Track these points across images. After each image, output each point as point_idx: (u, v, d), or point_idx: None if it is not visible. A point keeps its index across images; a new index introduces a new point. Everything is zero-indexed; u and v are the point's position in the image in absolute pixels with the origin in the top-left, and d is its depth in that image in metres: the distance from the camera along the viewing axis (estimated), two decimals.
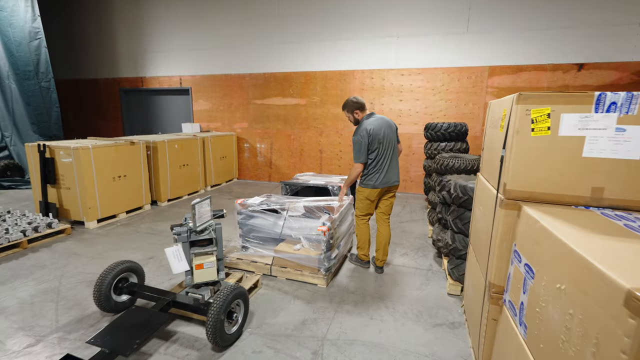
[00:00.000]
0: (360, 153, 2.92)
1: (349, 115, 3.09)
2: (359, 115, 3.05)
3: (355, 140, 2.94)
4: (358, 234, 3.24)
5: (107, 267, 2.50)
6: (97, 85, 8.38)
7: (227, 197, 6.03)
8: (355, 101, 3.03)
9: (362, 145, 2.90)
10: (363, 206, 3.13)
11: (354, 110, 3.03)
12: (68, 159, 4.21)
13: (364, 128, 2.90)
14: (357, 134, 2.93)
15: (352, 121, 3.11)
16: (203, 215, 2.50)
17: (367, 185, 3.03)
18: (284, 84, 6.81)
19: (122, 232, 4.25)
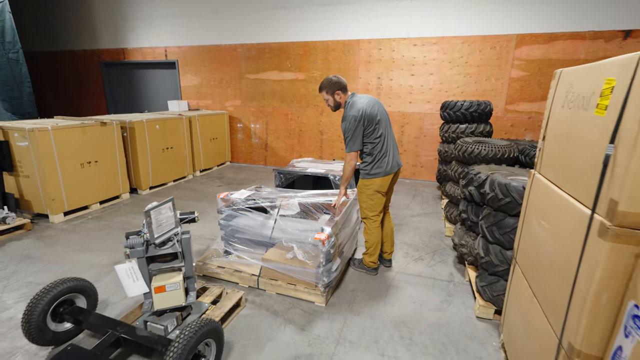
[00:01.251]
0: (355, 139, 2.44)
1: (329, 98, 2.54)
2: (340, 97, 2.53)
3: (347, 126, 2.43)
4: (368, 239, 2.68)
5: (44, 288, 1.93)
6: (75, 58, 7.61)
7: (217, 184, 5.43)
8: (336, 80, 2.49)
9: (357, 130, 2.42)
10: (374, 203, 2.58)
11: (334, 91, 2.50)
12: (24, 143, 3.58)
13: (354, 109, 2.41)
14: (346, 118, 2.43)
15: (331, 106, 2.59)
16: (164, 223, 1.91)
17: (376, 174, 2.51)
18: (280, 56, 6.05)
19: (91, 227, 3.69)
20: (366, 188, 2.56)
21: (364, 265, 2.82)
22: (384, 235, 2.83)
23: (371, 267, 2.79)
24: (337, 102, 2.54)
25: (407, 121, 5.60)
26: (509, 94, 5.03)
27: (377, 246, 2.70)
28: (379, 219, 2.65)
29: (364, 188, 2.58)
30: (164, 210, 1.88)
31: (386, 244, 2.86)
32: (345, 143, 2.48)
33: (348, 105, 2.47)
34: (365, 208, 2.63)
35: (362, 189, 2.59)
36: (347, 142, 2.46)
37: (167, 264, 1.98)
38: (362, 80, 5.67)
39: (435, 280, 2.75)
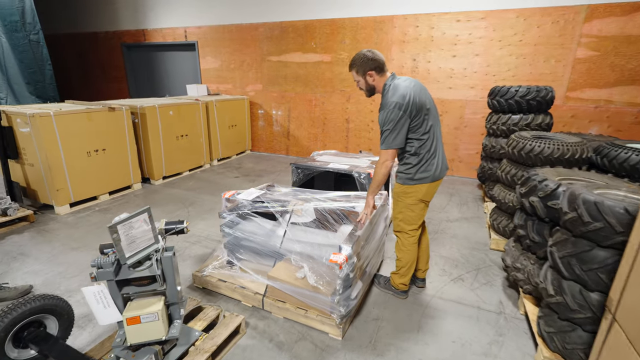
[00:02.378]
0: (397, 134, 1.85)
1: (359, 80, 1.98)
2: (374, 79, 1.94)
3: (387, 116, 1.83)
4: (402, 257, 2.18)
5: (6, 308, 1.61)
6: (97, 40, 7.45)
7: (234, 175, 5.08)
8: (370, 57, 1.89)
9: (400, 121, 1.83)
10: (414, 215, 2.07)
11: (366, 71, 1.91)
12: (26, 129, 3.35)
13: (397, 94, 1.82)
14: (387, 106, 1.84)
15: (364, 89, 2.01)
16: (137, 240, 1.51)
17: (421, 180, 1.98)
18: (305, 36, 5.50)
19: (95, 220, 3.44)
20: (406, 196, 2.03)
21: (391, 286, 2.33)
22: (421, 249, 2.32)
23: (401, 290, 2.30)
24: (370, 86, 1.96)
25: (446, 109, 4.92)
26: (571, 79, 4.23)
27: (412, 266, 2.20)
28: (418, 233, 2.15)
29: (403, 196, 2.04)
30: (137, 223, 1.48)
31: (421, 259, 2.35)
32: (382, 138, 1.89)
33: (388, 89, 1.88)
34: (401, 220, 2.10)
35: (401, 197, 2.05)
36: (385, 136, 1.87)
37: (145, 287, 1.60)
38: (395, 63, 5.03)
39: (481, 311, 2.22)
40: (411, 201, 2.03)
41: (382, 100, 1.90)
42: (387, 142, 1.88)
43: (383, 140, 1.89)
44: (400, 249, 2.18)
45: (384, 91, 1.92)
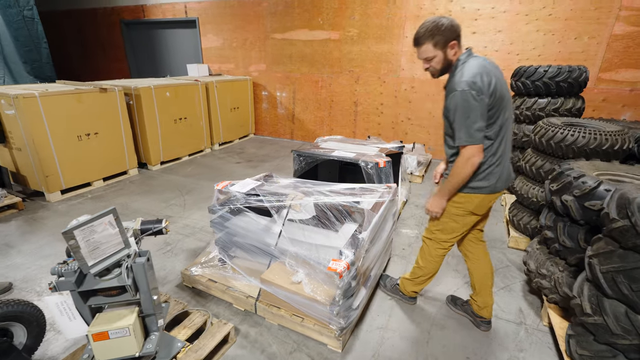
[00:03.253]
0: (476, 125, 1.41)
1: (436, 55, 1.50)
2: (455, 52, 1.50)
3: (465, 99, 1.39)
4: (424, 266, 1.88)
5: None
6: (96, 17, 7.14)
7: (236, 160, 4.85)
8: (449, 25, 1.45)
9: (480, 110, 1.40)
10: (457, 227, 1.70)
11: (449, 42, 1.47)
12: (11, 111, 3.14)
13: (478, 74, 1.40)
14: (464, 86, 1.39)
15: (435, 68, 1.54)
16: (102, 245, 1.30)
17: (477, 189, 1.58)
18: (312, 11, 5.11)
19: (88, 208, 3.27)
20: (453, 205, 1.65)
21: (399, 291, 2.10)
22: (481, 279, 1.86)
23: (410, 296, 2.07)
24: (447, 61, 1.51)
25: None
26: (605, 58, 3.80)
27: (431, 278, 1.93)
28: (451, 247, 1.80)
29: (451, 205, 1.66)
30: (100, 227, 1.26)
31: (484, 292, 1.86)
32: (457, 128, 1.45)
33: (462, 66, 1.46)
34: (439, 229, 1.75)
35: (451, 205, 1.66)
36: (463, 127, 1.43)
37: (115, 298, 1.40)
38: (408, 41, 4.64)
39: (498, 320, 1.98)
40: (460, 212, 1.65)
41: (454, 80, 1.45)
42: (468, 133, 1.43)
43: (459, 130, 1.44)
44: (424, 257, 1.86)
45: (455, 69, 1.49)
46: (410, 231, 2.97)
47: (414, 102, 4.88)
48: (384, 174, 2.76)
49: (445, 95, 1.52)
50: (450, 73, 1.54)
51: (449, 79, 1.53)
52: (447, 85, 1.53)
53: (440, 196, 1.63)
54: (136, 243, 1.50)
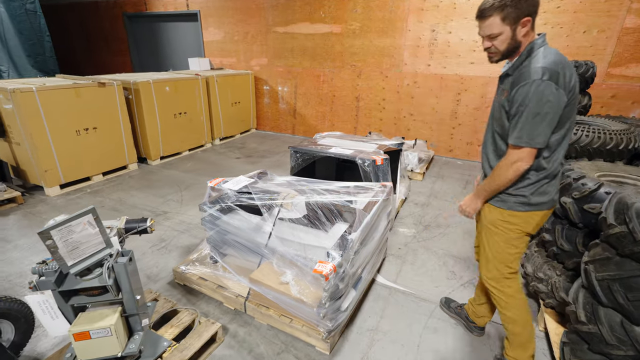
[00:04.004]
0: (543, 124, 1.17)
1: (503, 31, 1.22)
2: (527, 31, 1.23)
3: (538, 93, 1.15)
4: (514, 317, 1.49)
5: None
6: (98, 10, 7.13)
7: (236, 156, 4.83)
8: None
9: (555, 107, 1.16)
10: (517, 252, 1.42)
11: (522, 17, 1.19)
12: (9, 105, 3.15)
13: (557, 63, 1.16)
14: (535, 75, 1.16)
15: (499, 50, 1.27)
16: (82, 245, 1.28)
17: (539, 205, 1.32)
18: (313, 4, 5.02)
19: (86, 203, 3.28)
20: (509, 227, 1.37)
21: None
22: None
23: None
24: (515, 42, 1.24)
25: (466, 87, 4.44)
26: (616, 52, 3.67)
27: (531, 328, 1.51)
28: (519, 276, 1.52)
29: (504, 227, 1.38)
30: (79, 227, 1.24)
31: (486, 308, 1.76)
32: (518, 124, 1.20)
33: (538, 51, 1.21)
34: (500, 260, 1.44)
35: (502, 227, 1.38)
36: (525, 123, 1.18)
37: (97, 298, 1.38)
38: (411, 34, 4.53)
39: (493, 324, 1.93)
40: (516, 234, 1.37)
41: (530, 67, 1.18)
42: (530, 132, 1.17)
43: (522, 129, 1.19)
44: (504, 306, 1.49)
45: (529, 54, 1.23)
46: (407, 230, 2.92)
47: (416, 97, 4.79)
48: (381, 171, 2.71)
49: (510, 85, 1.24)
50: (516, 58, 1.27)
51: (515, 65, 1.26)
52: (511, 72, 1.27)
53: (476, 197, 1.43)
54: (120, 242, 1.49)
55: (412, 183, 3.92)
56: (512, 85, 1.24)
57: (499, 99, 1.34)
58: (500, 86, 1.38)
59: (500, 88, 1.37)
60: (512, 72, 1.27)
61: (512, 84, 1.24)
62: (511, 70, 1.28)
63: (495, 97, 1.40)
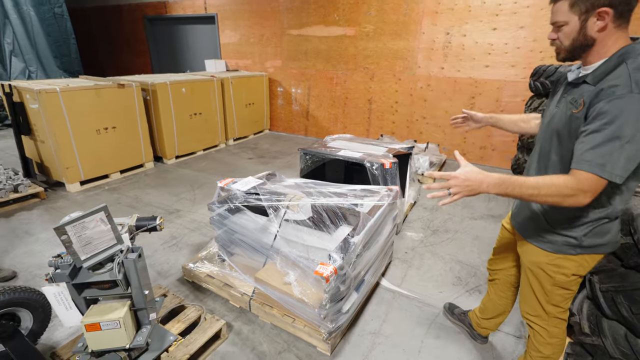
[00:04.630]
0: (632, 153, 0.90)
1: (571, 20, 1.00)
2: (605, 26, 0.96)
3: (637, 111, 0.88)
4: (550, 354, 1.36)
5: None
6: (121, 13, 7.39)
7: (248, 156, 4.92)
8: None
9: None
10: (570, 293, 1.23)
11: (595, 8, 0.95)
12: (35, 105, 3.32)
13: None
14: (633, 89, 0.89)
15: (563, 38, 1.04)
16: (95, 241, 1.35)
17: (595, 248, 1.12)
18: (327, 7, 5.06)
19: (104, 199, 3.42)
20: (561, 271, 1.17)
21: None
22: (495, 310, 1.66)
23: None
24: (586, 38, 1.00)
25: (480, 91, 4.38)
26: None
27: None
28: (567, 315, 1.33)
29: (554, 270, 1.18)
30: (92, 223, 1.31)
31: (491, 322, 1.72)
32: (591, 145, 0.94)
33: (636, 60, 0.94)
34: (547, 301, 1.26)
35: (551, 270, 1.19)
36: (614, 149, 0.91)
37: (107, 291, 1.45)
38: (426, 37, 4.51)
39: (497, 332, 1.91)
40: (567, 279, 1.18)
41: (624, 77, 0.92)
42: (609, 159, 0.91)
43: (599, 152, 0.92)
44: (543, 345, 1.35)
45: (623, 60, 0.95)
46: (415, 234, 2.91)
47: (429, 100, 4.75)
48: (389, 175, 2.72)
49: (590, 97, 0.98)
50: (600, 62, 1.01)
51: (599, 72, 1.00)
52: (590, 81, 1.01)
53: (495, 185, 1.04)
54: (130, 239, 1.55)
55: (422, 187, 3.90)
56: (594, 97, 0.97)
57: (566, 111, 1.07)
58: (563, 95, 1.12)
59: (563, 98, 1.11)
60: (592, 81, 1.00)
61: (596, 95, 0.96)
62: (591, 78, 1.01)
63: (557, 107, 1.14)
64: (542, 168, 1.18)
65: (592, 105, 0.96)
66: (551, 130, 1.13)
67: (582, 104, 1.00)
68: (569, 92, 1.10)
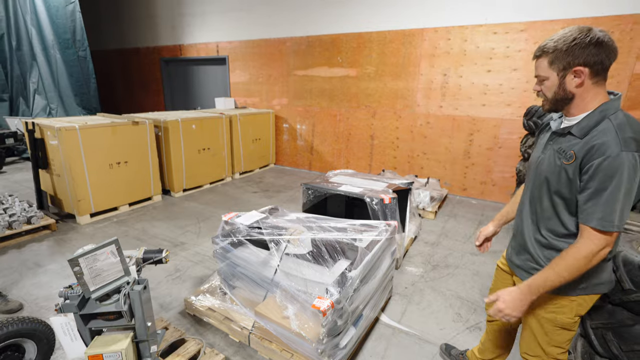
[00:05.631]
0: (629, 206, 1.05)
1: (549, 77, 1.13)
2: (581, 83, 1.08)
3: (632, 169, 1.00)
4: None
5: None
6: (139, 55, 7.92)
7: (253, 190, 5.04)
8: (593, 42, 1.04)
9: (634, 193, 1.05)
10: (571, 334, 1.26)
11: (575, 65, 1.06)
12: (55, 141, 3.53)
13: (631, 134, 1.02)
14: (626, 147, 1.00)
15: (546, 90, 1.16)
16: (104, 272, 1.43)
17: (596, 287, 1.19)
18: (331, 50, 5.40)
19: (111, 232, 3.52)
20: (563, 311, 1.22)
21: None
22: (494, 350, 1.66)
23: None
24: (566, 92, 1.11)
25: (478, 128, 4.54)
26: (628, 96, 3.70)
27: None
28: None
29: (557, 311, 1.22)
30: (102, 256, 1.40)
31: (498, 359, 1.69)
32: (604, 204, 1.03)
33: (617, 115, 1.06)
34: (548, 342, 1.28)
35: (553, 311, 1.23)
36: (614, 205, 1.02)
37: (112, 322, 1.51)
38: (424, 78, 4.76)
39: None
40: (568, 318, 1.22)
41: (611, 135, 1.02)
42: (620, 214, 1.03)
43: (613, 213, 1.02)
44: None
45: (601, 117, 1.07)
46: (415, 269, 2.93)
47: (429, 137, 4.92)
48: (389, 210, 2.79)
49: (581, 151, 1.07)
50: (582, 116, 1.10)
51: (583, 126, 1.09)
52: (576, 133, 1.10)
53: (530, 294, 1.14)
54: (137, 271, 1.63)
55: (423, 221, 3.94)
56: (586, 153, 1.05)
57: (554, 160, 1.15)
58: (549, 142, 1.21)
59: (549, 145, 1.21)
60: (578, 134, 1.10)
61: (588, 151, 1.05)
62: (576, 130, 1.10)
63: (543, 153, 1.23)
64: (534, 213, 1.27)
65: (588, 161, 1.05)
66: (540, 177, 1.21)
67: (574, 156, 1.08)
68: (554, 140, 1.20)
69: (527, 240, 1.28)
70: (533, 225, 1.27)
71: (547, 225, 1.21)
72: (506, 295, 1.17)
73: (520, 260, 1.33)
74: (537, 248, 1.25)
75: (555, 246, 1.20)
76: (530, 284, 1.14)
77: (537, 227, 1.25)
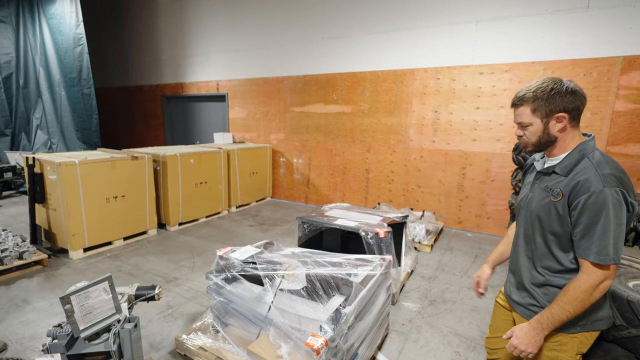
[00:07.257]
0: (622, 237, 1.10)
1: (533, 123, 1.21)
2: (563, 128, 1.19)
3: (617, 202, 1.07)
4: None
5: None
6: (142, 92, 8.20)
7: (249, 223, 5.04)
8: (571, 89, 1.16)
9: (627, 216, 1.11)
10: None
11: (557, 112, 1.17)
12: (54, 176, 3.57)
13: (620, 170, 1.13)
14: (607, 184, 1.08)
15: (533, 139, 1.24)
16: (95, 310, 1.42)
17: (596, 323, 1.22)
18: (327, 88, 5.64)
19: (104, 267, 3.46)
20: (564, 349, 1.24)
21: None
22: None
23: None
24: (550, 137, 1.21)
25: (470, 162, 4.66)
26: (611, 132, 3.85)
27: None
28: None
29: (557, 348, 1.24)
30: (94, 293, 1.40)
31: None
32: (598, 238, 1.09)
33: (594, 154, 1.17)
34: None
35: (554, 349, 1.24)
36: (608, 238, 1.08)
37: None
38: (416, 115, 4.94)
39: None
40: (568, 355, 1.24)
41: (592, 174, 1.10)
42: (615, 247, 1.08)
43: (607, 246, 1.08)
44: None
45: (583, 157, 1.17)
46: (412, 305, 2.88)
47: (423, 170, 5.02)
48: (384, 244, 2.80)
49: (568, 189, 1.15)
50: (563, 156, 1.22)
51: (565, 165, 1.19)
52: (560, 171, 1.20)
53: (542, 329, 1.18)
54: (129, 308, 1.61)
55: (420, 255, 3.92)
56: (572, 190, 1.14)
57: (543, 198, 1.23)
58: (535, 181, 1.31)
59: (536, 184, 1.30)
60: (561, 172, 1.20)
61: (573, 188, 1.13)
62: (560, 169, 1.20)
63: (531, 192, 1.32)
64: (529, 250, 1.32)
65: (575, 197, 1.13)
66: (532, 215, 1.28)
67: (560, 194, 1.17)
68: (540, 179, 1.29)
69: (524, 277, 1.33)
70: (529, 262, 1.32)
71: (542, 262, 1.26)
72: (519, 331, 1.23)
73: (519, 297, 1.36)
74: (534, 284, 1.30)
75: (552, 282, 1.24)
76: (539, 319, 1.19)
77: (533, 264, 1.30)
